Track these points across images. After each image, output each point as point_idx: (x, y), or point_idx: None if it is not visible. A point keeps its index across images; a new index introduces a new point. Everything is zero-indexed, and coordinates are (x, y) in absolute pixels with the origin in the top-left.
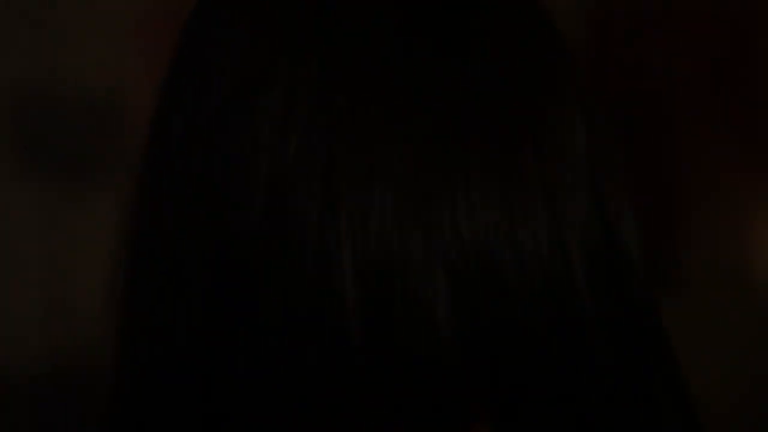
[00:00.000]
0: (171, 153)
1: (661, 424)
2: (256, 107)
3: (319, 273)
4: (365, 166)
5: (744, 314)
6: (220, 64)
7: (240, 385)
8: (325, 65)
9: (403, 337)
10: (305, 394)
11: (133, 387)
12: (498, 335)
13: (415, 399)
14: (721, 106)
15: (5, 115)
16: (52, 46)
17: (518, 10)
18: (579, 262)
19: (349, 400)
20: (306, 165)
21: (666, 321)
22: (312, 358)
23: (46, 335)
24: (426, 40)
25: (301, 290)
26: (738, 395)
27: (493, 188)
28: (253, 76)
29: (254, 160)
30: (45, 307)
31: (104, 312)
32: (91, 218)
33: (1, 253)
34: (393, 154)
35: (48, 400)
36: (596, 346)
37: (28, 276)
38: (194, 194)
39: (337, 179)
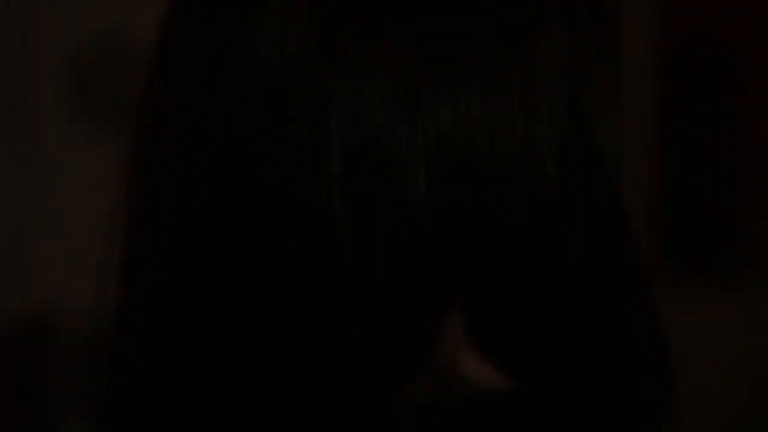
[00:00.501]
0: (178, 57)
1: (624, 320)
2: (259, 10)
3: (309, 150)
4: (358, 60)
5: None
6: None
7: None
8: None
9: (381, 212)
10: (288, 261)
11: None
12: (470, 217)
13: (391, 273)
14: None
15: (70, 70)
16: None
17: None
18: (550, 157)
19: (329, 271)
20: (304, 58)
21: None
22: (295, 230)
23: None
24: None
25: (292, 165)
26: None
27: (475, 84)
28: None
29: (257, 54)
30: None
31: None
32: None
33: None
34: (385, 51)
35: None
36: (564, 238)
37: (91, 234)
38: (203, 82)
39: (331, 70)
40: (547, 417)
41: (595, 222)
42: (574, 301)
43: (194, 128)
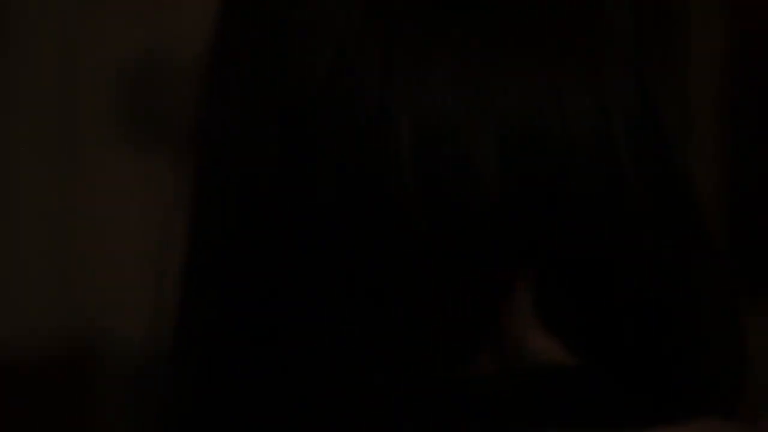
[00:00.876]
0: (239, 34)
1: (696, 298)
2: None
3: (378, 132)
4: (423, 36)
5: None
6: None
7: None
8: None
9: (452, 185)
10: (361, 237)
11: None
12: (541, 190)
13: (461, 246)
14: None
15: (119, 85)
16: (170, 16)
17: None
18: (620, 130)
19: (400, 246)
20: (367, 36)
21: None
22: (368, 210)
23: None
24: None
25: (361, 148)
26: None
27: (543, 59)
28: None
29: (319, 33)
30: (146, 282)
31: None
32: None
33: (102, 225)
34: (450, 26)
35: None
36: (635, 212)
37: (133, 246)
38: (263, 66)
39: (396, 48)
40: (611, 392)
41: (665, 195)
42: (644, 277)
43: (254, 118)
